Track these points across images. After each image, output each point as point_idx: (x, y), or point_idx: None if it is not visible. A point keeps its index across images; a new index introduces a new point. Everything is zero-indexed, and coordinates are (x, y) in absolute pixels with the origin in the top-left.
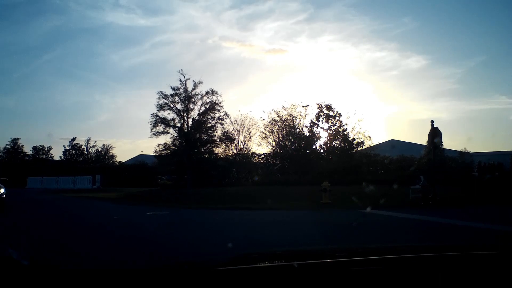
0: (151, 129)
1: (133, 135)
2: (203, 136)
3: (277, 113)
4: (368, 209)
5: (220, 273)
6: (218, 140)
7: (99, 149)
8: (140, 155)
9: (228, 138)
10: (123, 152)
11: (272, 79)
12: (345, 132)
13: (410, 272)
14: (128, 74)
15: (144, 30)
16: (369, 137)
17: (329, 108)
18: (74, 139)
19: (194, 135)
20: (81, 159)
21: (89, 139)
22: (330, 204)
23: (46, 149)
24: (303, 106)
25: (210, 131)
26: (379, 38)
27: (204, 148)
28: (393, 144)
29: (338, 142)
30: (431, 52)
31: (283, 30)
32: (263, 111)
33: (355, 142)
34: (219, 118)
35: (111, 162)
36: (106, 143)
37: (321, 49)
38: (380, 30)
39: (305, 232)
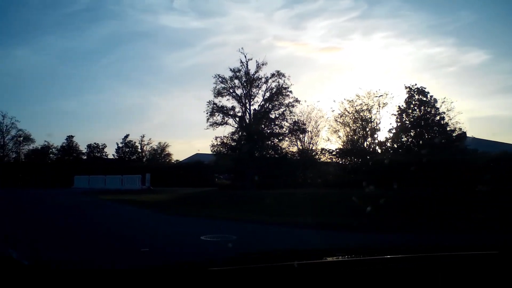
0: (207, 119)
1: (187, 136)
2: (268, 127)
3: (350, 102)
4: None
5: (220, 273)
6: (287, 131)
7: (155, 147)
8: (196, 154)
9: (299, 129)
10: (178, 153)
11: (328, 77)
12: (441, 122)
13: (411, 272)
14: (181, 76)
15: (197, 32)
16: (460, 129)
17: (421, 91)
18: (127, 136)
19: (257, 126)
20: (134, 157)
21: (143, 136)
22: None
23: (101, 147)
24: (377, 96)
25: (276, 121)
26: (435, 33)
27: (268, 142)
28: (468, 141)
29: (433, 135)
30: (493, 46)
31: (336, 28)
32: (334, 101)
33: (454, 134)
34: (288, 105)
35: (167, 161)
36: (162, 141)
37: (375, 46)
38: (437, 25)
39: None
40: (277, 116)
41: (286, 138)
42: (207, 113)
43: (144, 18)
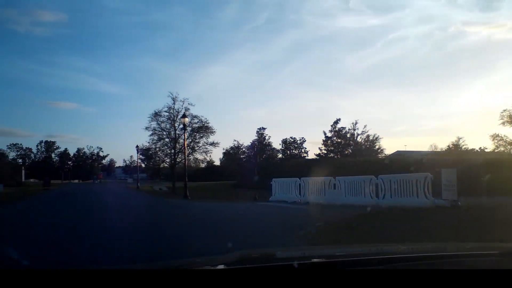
0: None
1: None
2: None
3: None
4: None
5: (220, 273)
6: None
7: (362, 142)
8: (397, 151)
9: None
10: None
11: None
12: None
13: (410, 272)
14: (364, 75)
15: (375, 29)
16: None
17: None
18: (338, 120)
19: None
20: (348, 151)
21: (355, 123)
22: None
23: (299, 142)
24: None
25: None
26: None
27: None
28: None
29: None
30: None
31: None
32: None
33: None
34: None
35: (382, 156)
36: (371, 133)
37: None
38: None
39: None
40: None
41: None
42: None
43: (322, 23)
